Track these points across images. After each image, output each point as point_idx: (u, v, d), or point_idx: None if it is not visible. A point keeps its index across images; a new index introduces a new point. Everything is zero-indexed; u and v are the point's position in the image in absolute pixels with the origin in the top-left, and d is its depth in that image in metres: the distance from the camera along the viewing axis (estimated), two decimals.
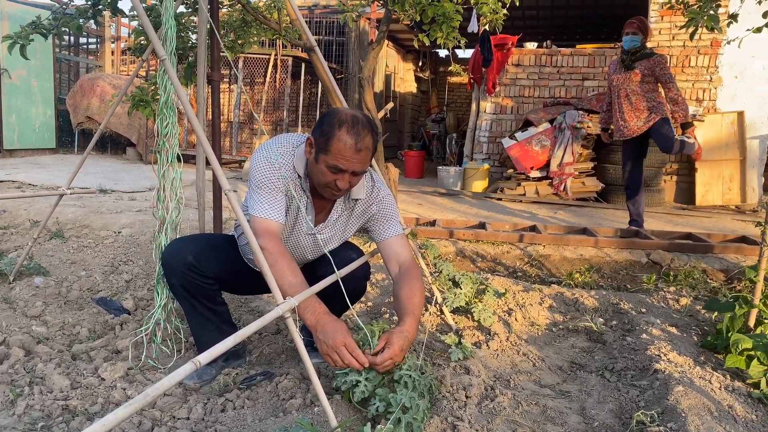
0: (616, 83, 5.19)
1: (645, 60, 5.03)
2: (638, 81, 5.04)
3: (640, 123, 5.11)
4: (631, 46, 5.02)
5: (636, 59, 5.05)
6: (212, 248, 2.20)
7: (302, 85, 10.46)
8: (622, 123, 5.19)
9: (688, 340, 2.73)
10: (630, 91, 5.11)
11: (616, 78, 5.20)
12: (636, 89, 5.09)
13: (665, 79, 5.01)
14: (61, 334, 2.64)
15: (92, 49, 13.49)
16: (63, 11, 3.58)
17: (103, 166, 9.00)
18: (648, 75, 5.03)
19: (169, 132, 2.32)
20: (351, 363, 1.78)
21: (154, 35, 1.83)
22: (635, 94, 5.10)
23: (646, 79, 5.04)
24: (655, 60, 5.02)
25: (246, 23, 4.24)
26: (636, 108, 5.10)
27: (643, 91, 5.07)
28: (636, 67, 5.04)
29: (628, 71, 5.07)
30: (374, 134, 1.94)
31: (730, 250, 4.40)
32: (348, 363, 1.78)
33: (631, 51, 5.06)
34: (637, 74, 5.03)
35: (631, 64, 5.06)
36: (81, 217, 4.80)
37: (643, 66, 5.03)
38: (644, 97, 5.07)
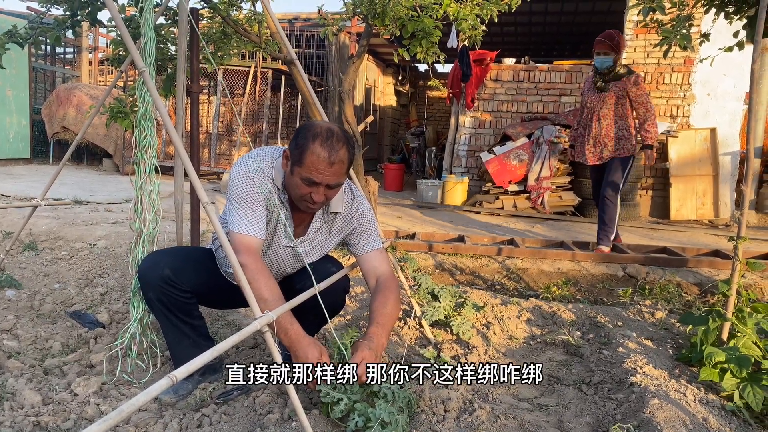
0: (590, 105, 4.92)
1: (619, 81, 4.75)
2: (612, 104, 4.77)
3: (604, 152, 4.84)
4: (603, 67, 4.74)
5: (609, 80, 4.77)
6: (189, 261, 2.18)
7: (282, 97, 10.45)
8: (587, 148, 4.93)
9: (664, 353, 2.77)
10: (602, 114, 4.82)
11: (590, 99, 4.93)
12: (609, 113, 4.80)
13: (640, 100, 4.70)
14: (33, 348, 2.59)
15: (69, 58, 13.37)
16: (40, 21, 3.54)
17: (78, 177, 8.88)
18: (622, 97, 4.76)
19: (148, 144, 2.30)
20: None
21: (133, 47, 1.82)
22: (607, 118, 4.81)
23: (620, 101, 4.77)
24: (629, 80, 4.72)
25: (226, 35, 4.23)
26: (606, 134, 4.82)
27: (616, 116, 4.80)
28: (610, 88, 4.76)
29: (602, 93, 4.80)
30: (350, 147, 1.94)
31: (704, 264, 4.48)
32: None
33: (603, 72, 4.77)
34: (612, 96, 4.75)
35: (604, 85, 4.79)
36: (55, 229, 4.72)
37: (618, 88, 4.75)
38: (615, 125, 4.80)
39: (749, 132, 2.63)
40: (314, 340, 1.87)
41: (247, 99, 10.45)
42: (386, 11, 3.89)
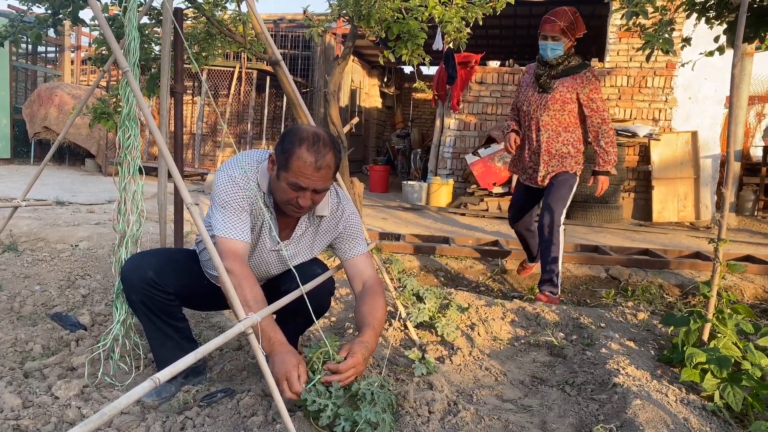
0: (527, 108, 3.72)
1: (569, 77, 3.58)
2: (556, 110, 3.60)
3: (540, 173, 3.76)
4: (552, 57, 3.57)
5: (557, 75, 3.60)
6: (173, 263, 2.17)
7: (267, 98, 10.42)
8: (530, 165, 3.82)
9: (646, 354, 2.79)
10: (542, 123, 3.65)
11: (528, 100, 3.73)
12: (551, 123, 3.64)
13: (594, 106, 3.55)
14: (12, 351, 2.55)
15: (51, 57, 13.21)
16: (20, 19, 3.50)
17: (60, 177, 8.77)
18: (570, 101, 3.57)
19: (131, 144, 2.28)
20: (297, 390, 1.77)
21: (116, 46, 1.81)
22: (548, 129, 3.66)
23: (568, 107, 3.58)
24: (583, 77, 3.55)
25: (211, 36, 4.21)
26: (546, 150, 3.69)
27: (561, 126, 3.64)
28: (554, 88, 3.59)
29: (544, 93, 3.63)
30: (336, 152, 1.93)
31: (686, 266, 4.53)
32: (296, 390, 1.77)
33: (550, 63, 3.60)
34: (556, 101, 3.59)
35: (548, 83, 3.60)
36: (36, 230, 4.66)
37: (566, 88, 3.57)
38: (559, 138, 3.66)
39: (729, 136, 2.66)
40: (293, 349, 1.86)
41: (232, 99, 10.40)
42: (372, 13, 3.90)
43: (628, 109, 8.15)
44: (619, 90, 8.17)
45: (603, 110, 3.57)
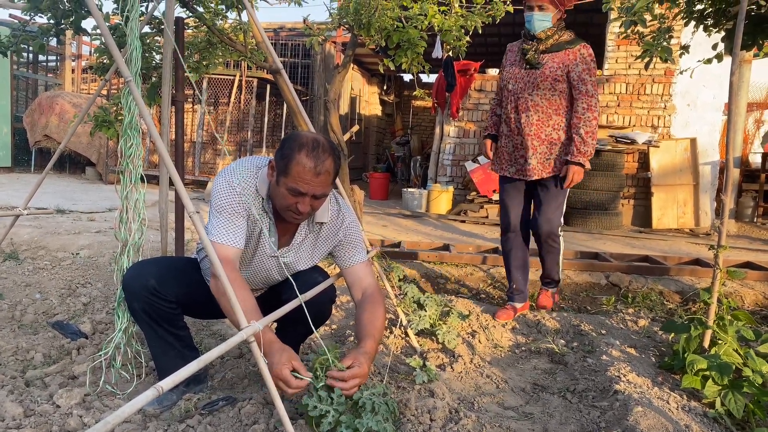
0: (513, 86, 3.33)
1: (560, 53, 3.22)
2: (547, 88, 3.23)
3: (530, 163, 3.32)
4: (540, 29, 3.21)
5: (546, 50, 3.24)
6: (174, 271, 2.17)
7: (267, 106, 10.45)
8: (521, 154, 3.37)
9: (647, 361, 2.80)
10: (531, 104, 3.27)
11: (514, 78, 3.34)
12: (541, 103, 3.26)
13: (583, 87, 3.18)
14: (14, 359, 2.55)
15: (52, 66, 13.25)
16: (23, 28, 3.52)
17: (61, 185, 8.79)
18: (561, 79, 3.21)
19: (133, 153, 2.29)
20: (298, 384, 1.76)
21: (119, 56, 1.82)
22: (537, 110, 3.27)
23: (558, 86, 3.22)
24: (576, 54, 3.20)
25: (211, 45, 4.23)
26: (535, 135, 3.29)
27: (552, 108, 3.26)
28: (545, 63, 3.22)
29: (533, 70, 3.25)
30: (335, 158, 1.94)
31: (686, 273, 4.54)
32: (296, 386, 1.76)
33: (538, 37, 3.24)
34: (547, 77, 3.21)
35: (536, 58, 3.23)
36: (37, 238, 4.67)
37: (556, 64, 3.21)
38: (549, 120, 3.28)
39: (728, 142, 2.68)
40: (283, 346, 1.84)
41: (232, 108, 10.43)
42: (372, 22, 3.92)
43: (627, 116, 8.17)
44: (618, 97, 8.20)
45: (592, 95, 3.17)
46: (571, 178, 3.21)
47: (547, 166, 3.32)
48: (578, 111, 3.19)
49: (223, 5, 3.84)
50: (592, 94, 3.17)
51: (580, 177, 3.23)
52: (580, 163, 3.20)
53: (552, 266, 3.60)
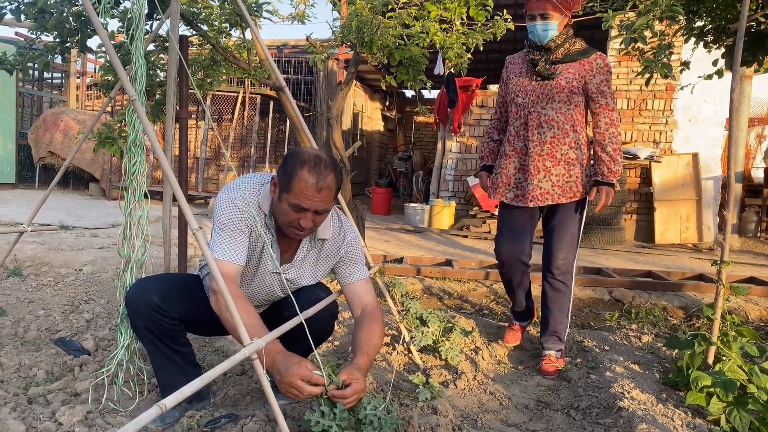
0: (524, 100, 2.94)
1: (574, 63, 2.86)
2: (563, 101, 2.86)
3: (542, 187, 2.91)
4: (546, 40, 2.84)
5: (558, 60, 2.87)
6: (177, 288, 2.18)
7: (270, 122, 10.50)
8: (523, 177, 2.97)
9: (651, 378, 2.78)
10: (547, 118, 2.87)
11: (523, 90, 2.95)
12: (557, 117, 2.87)
13: (603, 101, 2.84)
14: (16, 376, 2.55)
15: (57, 83, 13.36)
16: (29, 47, 3.56)
17: (64, 201, 8.82)
18: (578, 92, 2.85)
19: (137, 170, 2.30)
20: (310, 392, 1.76)
21: (124, 75, 1.84)
22: (553, 126, 2.87)
23: (575, 99, 2.86)
24: (593, 64, 2.84)
25: (215, 62, 4.27)
26: (550, 154, 2.89)
27: (569, 124, 2.87)
28: (560, 74, 2.85)
29: (546, 81, 2.87)
30: (337, 174, 1.96)
31: (689, 288, 4.53)
32: (307, 393, 1.76)
33: (545, 47, 2.87)
34: (562, 88, 2.84)
35: (548, 68, 2.86)
36: (41, 255, 4.68)
37: (572, 74, 2.84)
38: (566, 137, 2.88)
39: (730, 158, 2.69)
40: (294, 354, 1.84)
41: (236, 124, 10.49)
42: (374, 40, 3.96)
43: (628, 131, 8.20)
44: (620, 113, 8.22)
45: (613, 108, 2.85)
46: (603, 200, 2.85)
47: (567, 190, 2.90)
48: (600, 127, 2.85)
49: (227, 23, 3.89)
50: (612, 108, 2.85)
51: (611, 199, 2.87)
52: (611, 183, 2.85)
53: (559, 318, 2.98)
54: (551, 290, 2.97)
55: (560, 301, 2.96)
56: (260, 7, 3.66)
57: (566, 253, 2.93)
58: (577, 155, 2.90)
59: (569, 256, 2.94)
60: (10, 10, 3.10)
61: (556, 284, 2.95)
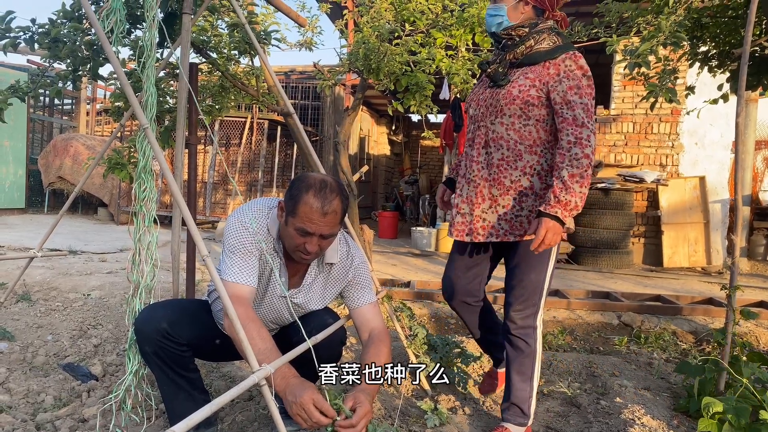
0: (475, 111, 2.41)
1: (537, 66, 2.23)
2: (516, 113, 2.24)
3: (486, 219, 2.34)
4: (496, 28, 2.31)
5: (516, 63, 2.28)
6: (186, 314, 2.18)
7: (278, 147, 10.58)
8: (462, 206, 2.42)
9: (661, 403, 2.75)
10: (494, 135, 2.29)
11: (475, 100, 2.42)
12: (506, 134, 2.27)
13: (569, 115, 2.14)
14: (25, 402, 2.55)
15: (67, 109, 13.53)
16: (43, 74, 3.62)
17: (73, 226, 8.87)
18: (537, 102, 2.22)
19: (147, 196, 2.33)
20: (319, 420, 1.74)
21: (136, 104, 1.87)
22: (501, 146, 2.28)
23: (534, 112, 2.23)
24: (559, 66, 2.19)
25: (224, 89, 4.33)
26: (498, 179, 2.30)
27: (524, 143, 2.25)
28: (513, 78, 2.26)
29: (497, 89, 2.30)
30: (343, 198, 1.98)
31: (699, 312, 4.49)
32: (316, 420, 1.74)
33: (503, 42, 2.33)
34: (513, 98, 2.23)
35: (500, 72, 2.28)
36: (49, 279, 4.70)
37: (531, 79, 2.22)
38: (519, 159, 2.27)
39: (737, 182, 2.69)
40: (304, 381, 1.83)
41: (244, 148, 10.58)
42: (381, 66, 4.01)
43: (634, 155, 8.21)
44: (626, 136, 8.25)
45: (582, 124, 2.12)
46: (541, 237, 2.08)
47: (517, 226, 2.29)
48: (562, 146, 2.14)
49: (236, 51, 3.95)
50: (582, 123, 2.12)
51: (555, 238, 2.10)
52: (557, 217, 2.09)
53: (520, 385, 2.34)
54: (509, 347, 2.35)
55: (519, 363, 2.32)
56: (269, 35, 3.72)
57: (524, 305, 2.30)
58: (532, 183, 2.26)
59: (528, 308, 2.30)
60: (25, 39, 3.16)
61: (515, 341, 2.32)
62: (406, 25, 4.31)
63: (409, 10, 4.25)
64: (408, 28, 4.30)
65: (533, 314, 2.31)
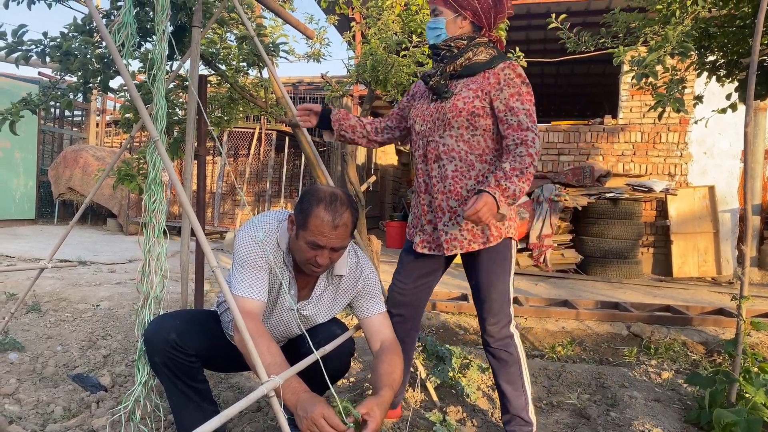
0: (422, 126, 2.40)
1: (477, 76, 2.29)
2: (462, 125, 2.29)
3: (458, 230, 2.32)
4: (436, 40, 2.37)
5: (456, 74, 2.34)
6: (195, 325, 2.19)
7: (285, 157, 10.63)
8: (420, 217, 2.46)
9: (672, 415, 2.73)
10: (445, 148, 2.32)
11: (420, 115, 2.42)
12: (457, 147, 2.30)
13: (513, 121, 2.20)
14: (34, 413, 2.56)
15: (77, 121, 13.65)
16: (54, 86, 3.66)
17: (82, 236, 8.92)
18: (482, 113, 2.27)
19: (157, 208, 2.34)
20: None
21: (147, 117, 1.89)
22: (454, 156, 2.31)
23: (480, 122, 2.28)
24: (498, 75, 2.25)
25: (233, 100, 4.36)
26: (454, 191, 2.32)
27: (474, 153, 2.30)
28: (457, 91, 2.31)
29: (441, 102, 2.34)
30: (353, 210, 1.99)
31: (709, 323, 4.46)
32: None
33: (442, 54, 2.36)
34: (459, 111, 2.27)
35: (442, 84, 2.33)
36: (59, 290, 4.73)
37: (473, 90, 2.27)
38: (471, 169, 2.31)
39: (746, 191, 2.68)
40: (315, 396, 1.83)
41: (252, 159, 10.63)
42: (388, 78, 4.03)
43: (643, 164, 8.20)
44: (634, 146, 8.24)
45: (527, 128, 2.18)
46: (479, 207, 2.02)
47: (479, 234, 2.30)
48: (508, 147, 2.20)
49: (245, 63, 3.97)
50: (527, 127, 2.18)
51: (487, 216, 2.04)
52: (494, 197, 2.06)
53: (514, 395, 2.38)
54: (493, 360, 2.41)
55: (506, 373, 2.37)
56: (277, 48, 3.74)
57: (497, 317, 2.35)
58: None
59: (502, 319, 2.35)
60: (36, 52, 3.20)
61: (497, 353, 2.38)
62: (413, 37, 4.33)
63: (417, 21, 4.28)
64: (415, 40, 4.32)
65: (507, 324, 2.37)
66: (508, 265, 2.35)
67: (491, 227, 2.28)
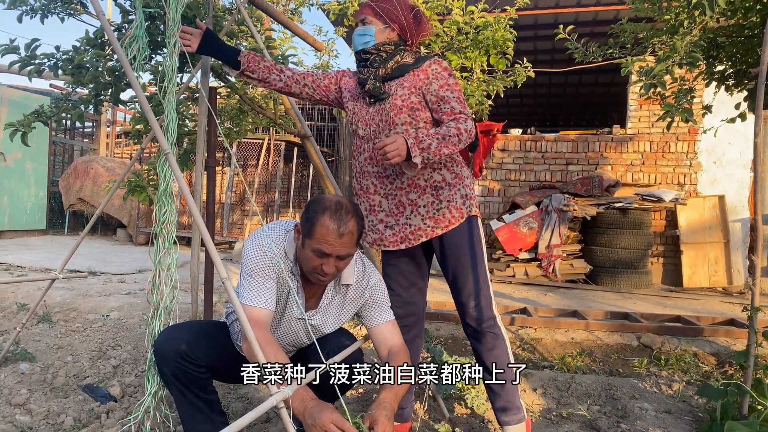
0: (365, 130, 2.48)
1: (407, 75, 2.42)
2: (406, 121, 2.39)
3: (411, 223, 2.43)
4: (364, 45, 2.46)
5: (388, 77, 2.43)
6: (205, 336, 2.20)
7: (294, 168, 10.68)
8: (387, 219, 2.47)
9: (683, 427, 2.71)
10: None
11: (363, 119, 2.49)
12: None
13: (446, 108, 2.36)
14: (45, 423, 2.58)
15: (88, 132, 13.78)
16: (66, 98, 3.70)
17: (92, 247, 8.98)
18: (420, 107, 2.40)
19: (167, 219, 2.36)
20: None
21: (158, 130, 1.91)
22: None
23: (421, 116, 2.40)
24: (427, 71, 2.41)
25: (242, 112, 4.39)
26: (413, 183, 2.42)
27: None
28: (393, 91, 2.42)
29: (379, 104, 2.44)
30: (359, 219, 2.00)
31: (720, 334, 4.42)
32: None
33: (371, 59, 2.44)
34: (400, 108, 2.39)
35: (378, 86, 2.42)
36: (69, 300, 4.75)
37: (407, 87, 2.40)
38: None
39: (756, 201, 2.66)
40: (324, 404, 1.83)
41: (261, 170, 10.68)
42: None
43: (652, 174, 8.17)
44: (643, 155, 8.22)
45: (459, 112, 2.33)
46: (390, 141, 2.13)
47: (441, 218, 2.41)
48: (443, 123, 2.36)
49: None
50: (459, 111, 2.33)
51: (393, 153, 2.13)
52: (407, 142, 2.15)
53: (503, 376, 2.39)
54: (479, 345, 2.43)
55: (493, 355, 2.40)
56: (286, 59, 3.77)
57: (478, 299, 2.40)
58: (443, 176, 2.44)
59: (482, 300, 2.40)
60: (49, 66, 3.24)
61: (482, 336, 2.42)
62: (421, 48, 4.35)
63: None
64: (423, 51, 4.34)
65: (489, 304, 2.43)
66: (478, 243, 2.47)
67: (450, 209, 2.42)
